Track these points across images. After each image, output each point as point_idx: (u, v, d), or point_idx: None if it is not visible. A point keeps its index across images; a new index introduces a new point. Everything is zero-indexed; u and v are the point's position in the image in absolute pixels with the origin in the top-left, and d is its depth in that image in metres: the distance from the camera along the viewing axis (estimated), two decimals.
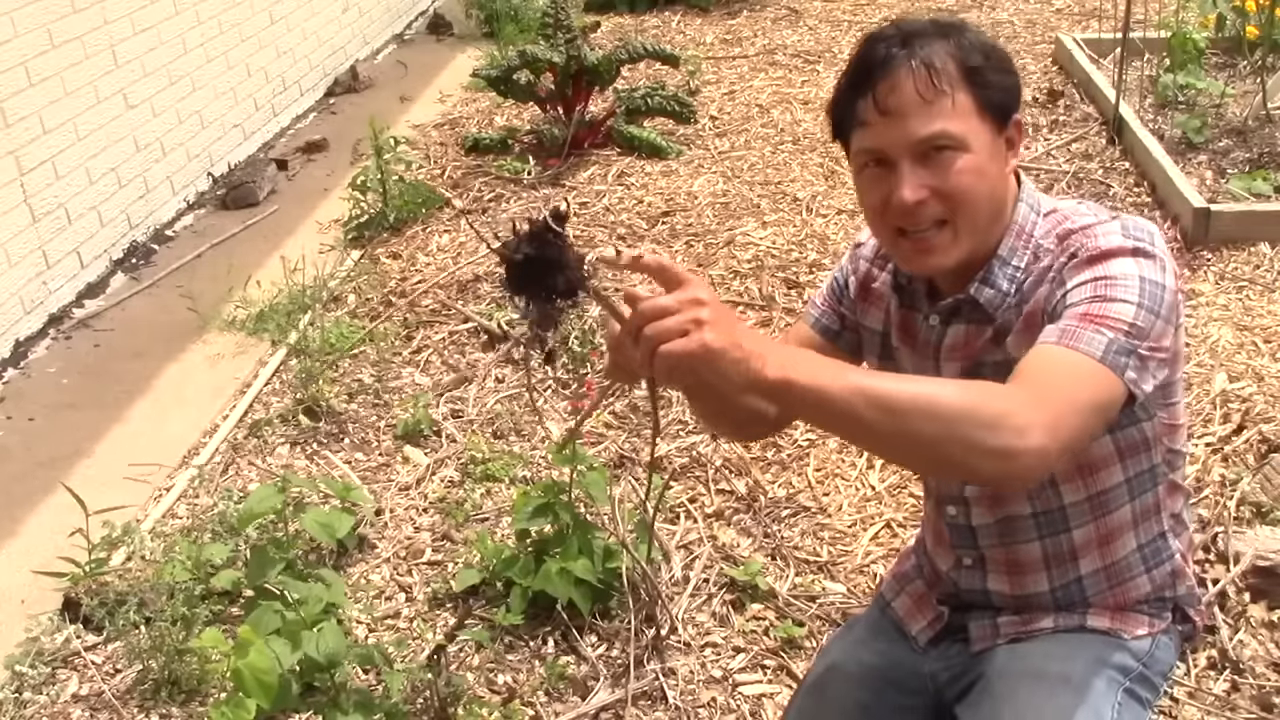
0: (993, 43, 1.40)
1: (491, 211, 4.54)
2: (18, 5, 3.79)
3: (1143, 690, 1.50)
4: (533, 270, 1.21)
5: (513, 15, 6.89)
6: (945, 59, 1.34)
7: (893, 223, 1.40)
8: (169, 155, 4.72)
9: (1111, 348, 1.26)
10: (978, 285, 1.43)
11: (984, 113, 1.36)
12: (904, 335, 1.56)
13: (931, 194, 1.35)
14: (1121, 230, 1.36)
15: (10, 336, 3.75)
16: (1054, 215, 1.44)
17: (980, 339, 1.46)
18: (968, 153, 1.35)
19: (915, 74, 1.33)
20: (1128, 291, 1.30)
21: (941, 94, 1.33)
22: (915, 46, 1.35)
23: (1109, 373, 1.26)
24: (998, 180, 1.39)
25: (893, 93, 1.34)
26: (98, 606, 2.57)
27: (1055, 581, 1.54)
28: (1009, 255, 1.42)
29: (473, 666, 2.41)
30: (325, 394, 3.31)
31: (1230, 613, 2.36)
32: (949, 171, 1.35)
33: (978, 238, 1.40)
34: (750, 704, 2.30)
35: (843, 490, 2.89)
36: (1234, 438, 2.83)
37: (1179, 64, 4.72)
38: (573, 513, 2.49)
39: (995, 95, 1.37)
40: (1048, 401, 1.21)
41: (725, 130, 5.18)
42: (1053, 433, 1.18)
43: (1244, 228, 3.80)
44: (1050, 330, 1.30)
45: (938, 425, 1.15)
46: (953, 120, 1.34)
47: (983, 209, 1.38)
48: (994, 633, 1.57)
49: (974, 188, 1.36)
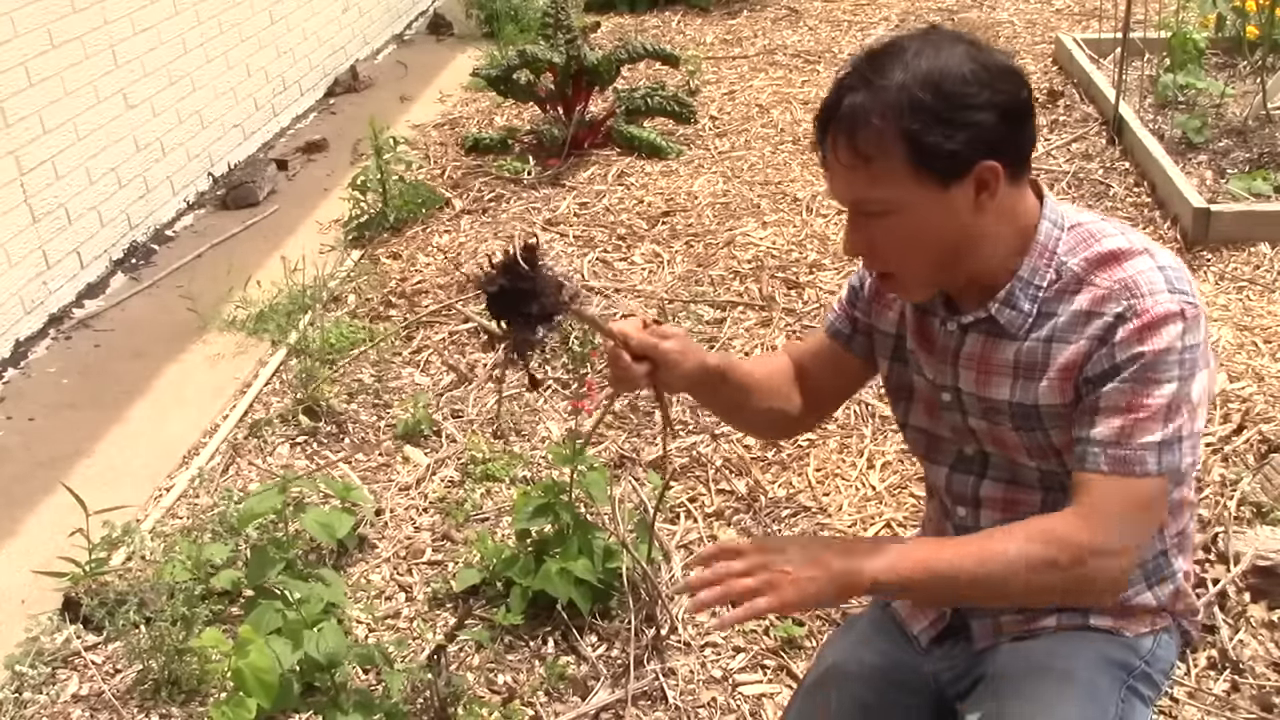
0: (964, 88, 1.29)
1: (491, 211, 4.54)
2: (18, 5, 3.80)
3: (1145, 688, 1.51)
4: (509, 299, 1.31)
5: (513, 15, 6.89)
6: (881, 123, 1.29)
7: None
8: (169, 155, 4.72)
9: (1164, 459, 1.32)
10: (999, 306, 1.42)
11: (920, 173, 1.30)
12: (920, 340, 1.55)
13: (869, 250, 1.40)
14: (1167, 285, 1.33)
15: (10, 336, 3.75)
16: (1078, 230, 1.41)
17: (999, 355, 1.44)
18: (899, 215, 1.33)
19: (840, 138, 1.33)
20: (1168, 369, 1.31)
21: (861, 160, 1.31)
22: (845, 103, 1.31)
23: (1167, 479, 1.34)
24: (945, 231, 1.35)
25: (831, 148, 1.35)
26: (98, 606, 2.57)
27: None
28: (1031, 276, 1.40)
29: (473, 666, 2.41)
30: (325, 394, 3.31)
31: (1230, 613, 2.36)
32: (881, 232, 1.36)
33: (939, 279, 1.41)
34: (750, 704, 2.30)
35: (843, 490, 2.89)
36: (1234, 438, 2.83)
37: (1179, 64, 4.72)
38: (573, 513, 2.49)
39: (936, 158, 1.29)
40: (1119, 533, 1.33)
41: (725, 130, 5.18)
42: (1128, 555, 1.35)
43: (1244, 228, 3.80)
44: (1100, 449, 1.33)
45: (1024, 584, 1.33)
46: (874, 188, 1.32)
47: (924, 261, 1.37)
48: (996, 631, 1.57)
49: (908, 249, 1.36)
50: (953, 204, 1.33)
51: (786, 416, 1.62)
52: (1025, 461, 1.47)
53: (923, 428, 1.59)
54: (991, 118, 1.31)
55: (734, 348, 3.48)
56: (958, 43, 1.33)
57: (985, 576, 1.31)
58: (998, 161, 1.32)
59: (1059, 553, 1.31)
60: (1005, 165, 1.33)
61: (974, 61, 1.31)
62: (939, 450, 1.58)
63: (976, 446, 1.53)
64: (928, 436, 1.59)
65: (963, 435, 1.53)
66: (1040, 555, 1.31)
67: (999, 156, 1.33)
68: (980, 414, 1.48)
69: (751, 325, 3.60)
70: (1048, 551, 1.31)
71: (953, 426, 1.54)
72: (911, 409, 1.60)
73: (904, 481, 2.88)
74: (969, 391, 1.48)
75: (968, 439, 1.53)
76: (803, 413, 1.64)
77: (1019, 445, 1.46)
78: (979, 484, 1.54)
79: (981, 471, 1.53)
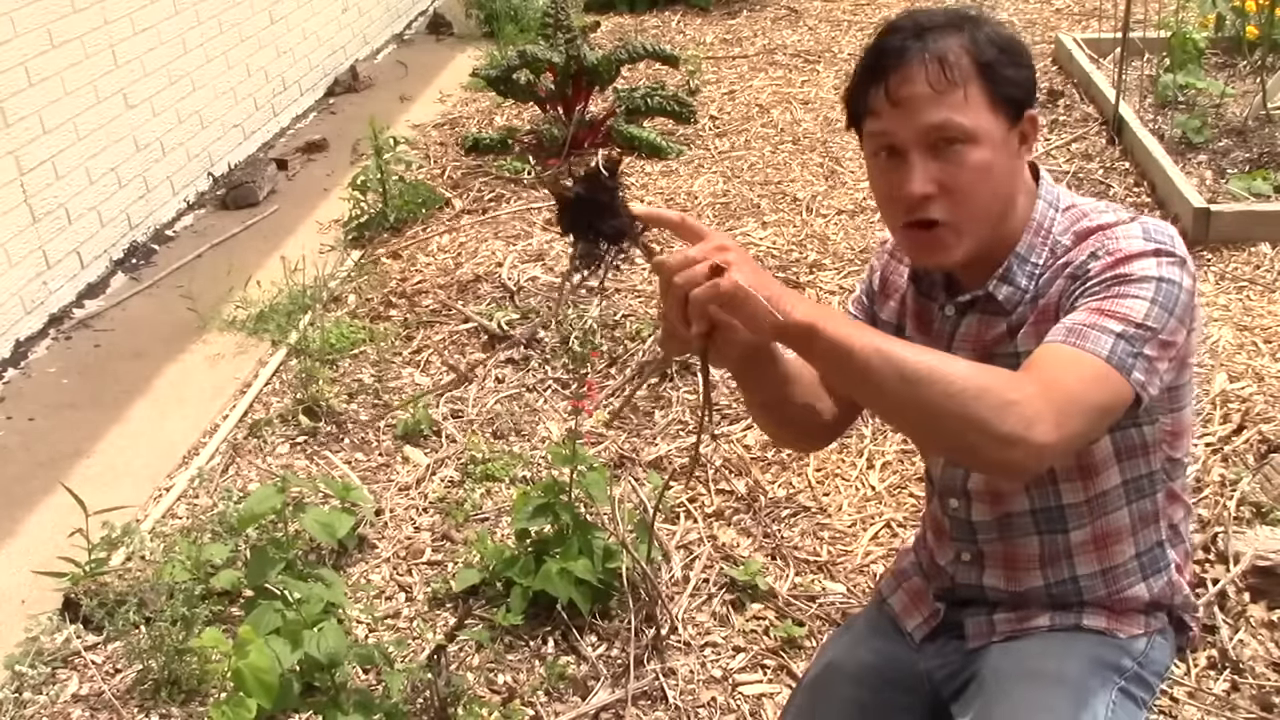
0: (1010, 35, 1.39)
1: (491, 211, 4.54)
2: (18, 5, 3.79)
3: (1138, 690, 1.50)
4: (582, 211, 1.25)
5: (513, 15, 6.89)
6: (959, 52, 1.34)
7: (900, 212, 1.40)
8: (169, 155, 4.72)
9: (1118, 348, 1.27)
10: (996, 283, 1.44)
11: (996, 107, 1.35)
12: (918, 324, 1.56)
13: (939, 188, 1.35)
14: (1143, 233, 1.36)
15: (10, 336, 3.75)
16: (1072, 211, 1.44)
17: (993, 331, 1.46)
18: (977, 146, 1.34)
19: (927, 66, 1.34)
20: (1143, 288, 1.30)
21: (952, 86, 1.33)
22: (929, 39, 1.35)
23: (1116, 374, 1.27)
24: (1006, 176, 1.39)
25: (905, 84, 1.34)
26: (98, 606, 2.57)
27: (1050, 578, 1.54)
28: (1028, 253, 1.43)
29: (473, 666, 2.41)
30: (325, 394, 3.31)
31: (1230, 613, 2.36)
32: (957, 166, 1.35)
33: (983, 233, 1.40)
34: (750, 704, 2.30)
35: (843, 490, 2.89)
36: (1234, 438, 2.83)
37: (1179, 64, 4.72)
38: (573, 513, 2.49)
39: (1008, 90, 1.36)
40: (1055, 398, 1.22)
41: (725, 130, 5.19)
42: (1058, 429, 1.20)
43: (1244, 228, 3.80)
44: (1059, 327, 1.31)
45: (949, 400, 1.18)
46: (963, 113, 1.34)
47: (989, 206, 1.38)
48: (990, 630, 1.57)
49: (981, 183, 1.36)
50: (1010, 149, 1.38)
51: (821, 417, 1.56)
52: None
53: None
54: (1032, 69, 1.41)
55: None
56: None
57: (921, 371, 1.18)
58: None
59: (1005, 386, 1.20)
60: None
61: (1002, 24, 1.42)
62: None
63: None
64: None
65: None
66: (985, 380, 1.20)
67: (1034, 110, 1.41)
68: None
69: None
70: (997, 379, 1.22)
71: None
72: None
73: (904, 481, 2.88)
74: None
75: None
76: (835, 415, 1.59)
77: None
78: (966, 476, 1.55)
79: None
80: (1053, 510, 1.51)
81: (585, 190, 1.25)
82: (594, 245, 1.27)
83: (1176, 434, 1.49)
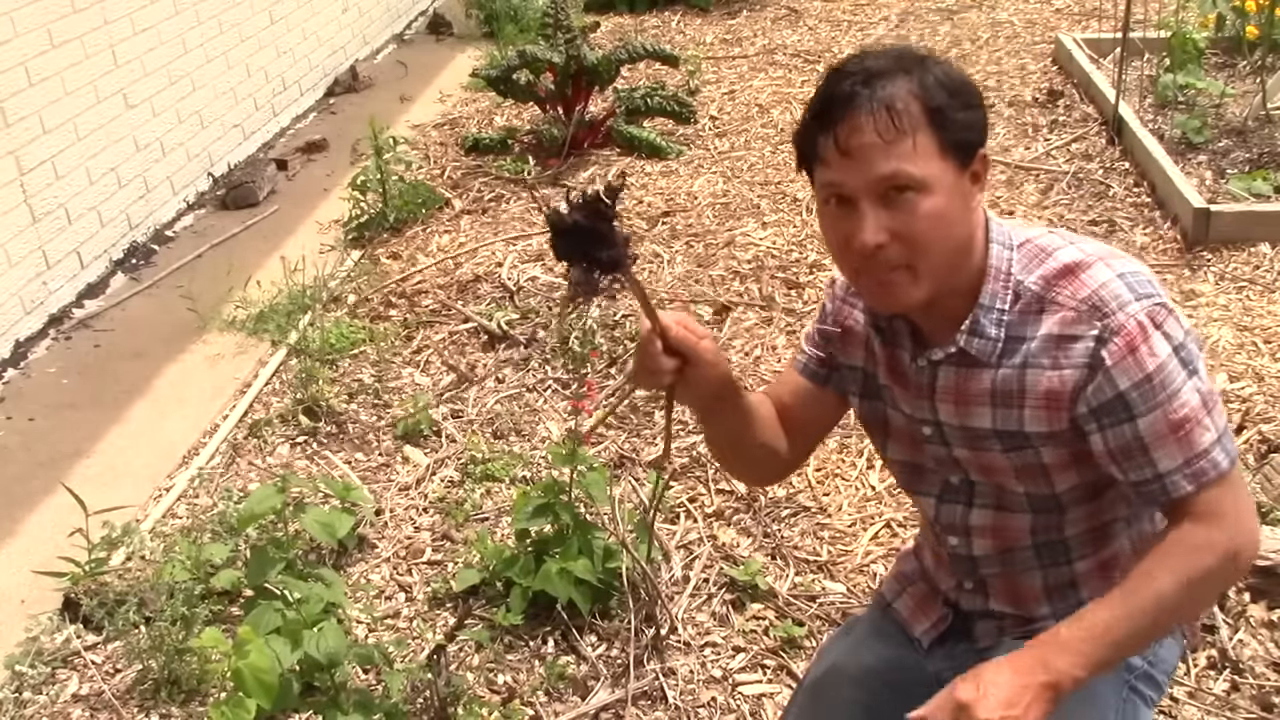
0: (960, 76, 1.36)
1: (491, 211, 4.55)
2: (18, 5, 3.79)
3: (1147, 688, 1.50)
4: (578, 240, 1.24)
5: (513, 15, 6.90)
6: (907, 99, 1.31)
7: (855, 261, 1.38)
8: (169, 155, 4.72)
9: (1224, 447, 1.34)
10: (966, 336, 1.40)
11: (946, 153, 1.32)
12: (892, 375, 1.53)
13: (892, 237, 1.33)
14: (1129, 291, 1.33)
15: (10, 336, 3.75)
16: (1028, 247, 1.41)
17: (975, 385, 1.42)
18: (929, 194, 1.32)
19: (875, 115, 1.31)
20: (1176, 377, 1.32)
21: (901, 135, 1.30)
22: (877, 86, 1.32)
23: (1236, 465, 1.36)
24: (961, 219, 1.36)
25: (853, 133, 1.32)
26: (97, 606, 2.57)
27: (1057, 605, 1.52)
28: (991, 301, 1.39)
29: (473, 666, 2.41)
30: (325, 394, 3.31)
31: (1230, 613, 2.36)
32: (909, 214, 1.32)
33: (942, 275, 1.37)
34: (750, 704, 2.30)
35: (843, 490, 2.89)
36: (1234, 438, 2.83)
37: (1179, 64, 4.72)
38: (573, 513, 2.49)
39: (958, 134, 1.33)
40: (1238, 525, 1.35)
41: (725, 130, 5.19)
42: (1252, 535, 1.37)
43: (1244, 228, 3.80)
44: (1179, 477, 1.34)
45: (1187, 608, 1.39)
46: (913, 161, 1.31)
47: (945, 250, 1.35)
48: (999, 631, 1.57)
49: (934, 230, 1.33)
50: (964, 190, 1.36)
51: (778, 454, 1.59)
52: (1013, 486, 1.46)
53: (904, 460, 1.58)
54: (982, 117, 1.38)
55: (734, 348, 3.48)
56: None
57: (1157, 615, 1.33)
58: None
59: (1209, 558, 1.32)
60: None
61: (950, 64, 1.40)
62: (923, 480, 1.57)
63: (962, 475, 1.51)
64: (910, 468, 1.58)
65: (947, 465, 1.52)
66: (1196, 570, 1.32)
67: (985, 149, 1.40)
68: (964, 443, 1.47)
69: (751, 325, 3.60)
70: (1200, 562, 1.32)
71: (936, 458, 1.52)
72: (889, 443, 1.59)
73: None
74: (950, 423, 1.47)
75: (952, 468, 1.52)
76: (791, 451, 1.61)
77: (1007, 469, 1.45)
78: (968, 513, 1.52)
79: (969, 500, 1.52)
80: (1055, 544, 1.49)
81: (584, 218, 1.23)
82: (590, 274, 1.26)
83: None
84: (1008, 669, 1.29)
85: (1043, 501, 1.46)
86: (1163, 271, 3.69)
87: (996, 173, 4.50)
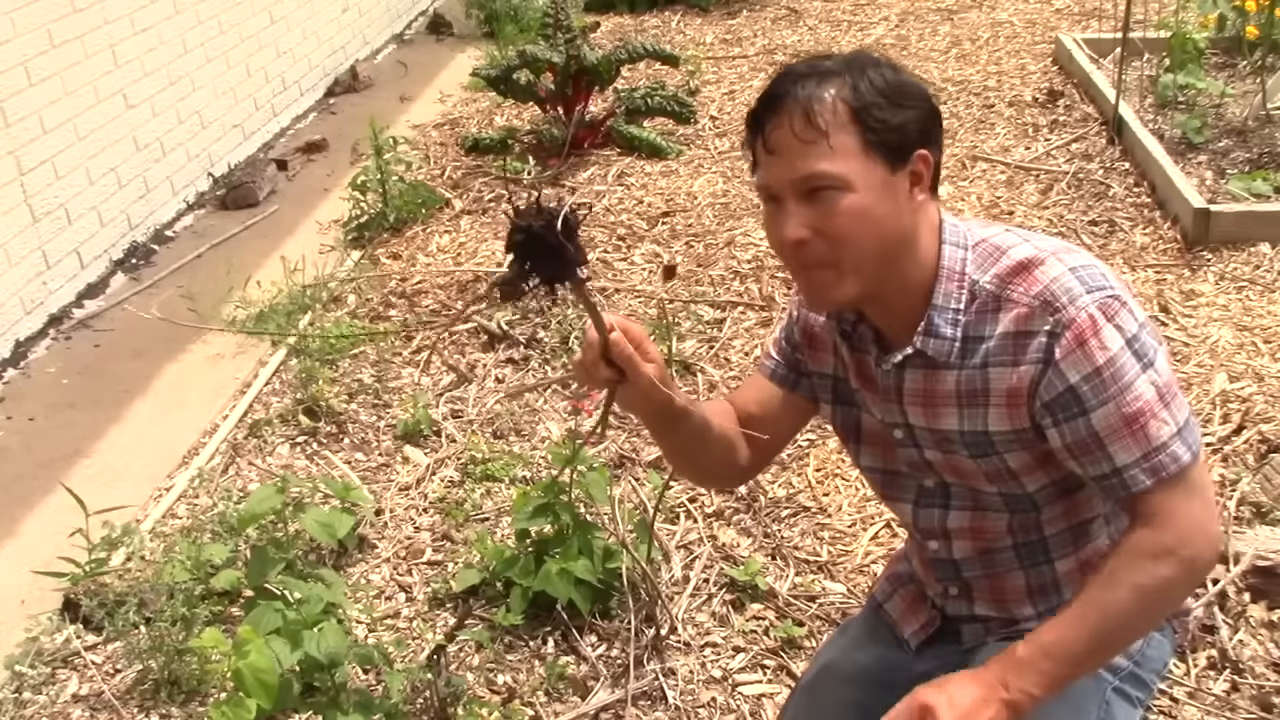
0: (898, 78, 1.37)
1: (491, 211, 4.54)
2: (18, 5, 3.79)
3: (1133, 689, 1.50)
4: (531, 244, 1.28)
5: (513, 15, 6.89)
6: (833, 100, 1.33)
7: (786, 260, 1.41)
8: (169, 155, 4.72)
9: (1185, 439, 1.33)
10: (922, 337, 1.41)
11: (871, 152, 1.33)
12: (862, 380, 1.53)
13: (814, 234, 1.35)
14: (1081, 285, 1.33)
15: (10, 336, 3.75)
16: (982, 246, 1.41)
17: (940, 386, 1.43)
18: (850, 193, 1.33)
19: (793, 116, 1.33)
20: (1130, 369, 1.32)
21: (819, 135, 1.32)
22: (801, 87, 1.34)
23: (1199, 461, 1.35)
24: (890, 218, 1.36)
25: (775, 132, 1.35)
26: (97, 607, 2.57)
27: (1040, 606, 1.53)
28: (945, 301, 1.40)
29: (473, 666, 2.41)
30: (325, 394, 3.31)
31: (1230, 613, 2.37)
32: (828, 212, 1.34)
33: (873, 272, 1.38)
34: (750, 704, 2.30)
35: (843, 490, 2.89)
36: (1234, 438, 2.83)
37: (1179, 64, 4.72)
38: (573, 513, 2.49)
39: (886, 135, 1.33)
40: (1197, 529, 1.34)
41: (725, 130, 5.18)
42: (1211, 539, 1.35)
43: (1244, 228, 3.80)
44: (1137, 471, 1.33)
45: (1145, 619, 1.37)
46: (830, 160, 1.32)
47: (869, 247, 1.36)
48: (985, 633, 1.57)
49: (854, 227, 1.34)
50: (895, 191, 1.36)
51: (734, 464, 1.59)
52: (985, 487, 1.47)
53: (878, 466, 1.58)
54: (923, 109, 1.38)
55: (734, 348, 3.48)
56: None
57: (1115, 629, 1.34)
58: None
59: (1164, 567, 1.32)
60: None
61: (897, 67, 1.40)
62: (898, 486, 1.57)
63: (936, 478, 1.52)
64: (884, 474, 1.58)
65: (920, 469, 1.52)
66: (1151, 580, 1.32)
67: (929, 150, 1.38)
68: (934, 445, 1.48)
69: (751, 325, 3.60)
70: (1157, 571, 1.32)
71: (909, 461, 1.53)
72: (862, 450, 1.59)
73: None
74: (919, 425, 1.47)
75: (926, 472, 1.52)
76: (751, 459, 1.61)
77: (977, 472, 1.45)
78: (945, 515, 1.53)
79: (945, 503, 1.52)
80: (1035, 543, 1.50)
81: (541, 229, 1.27)
82: (522, 276, 1.29)
83: None
84: (971, 682, 1.34)
85: (1018, 501, 1.47)
86: (1163, 271, 3.69)
87: (996, 172, 4.50)
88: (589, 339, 1.35)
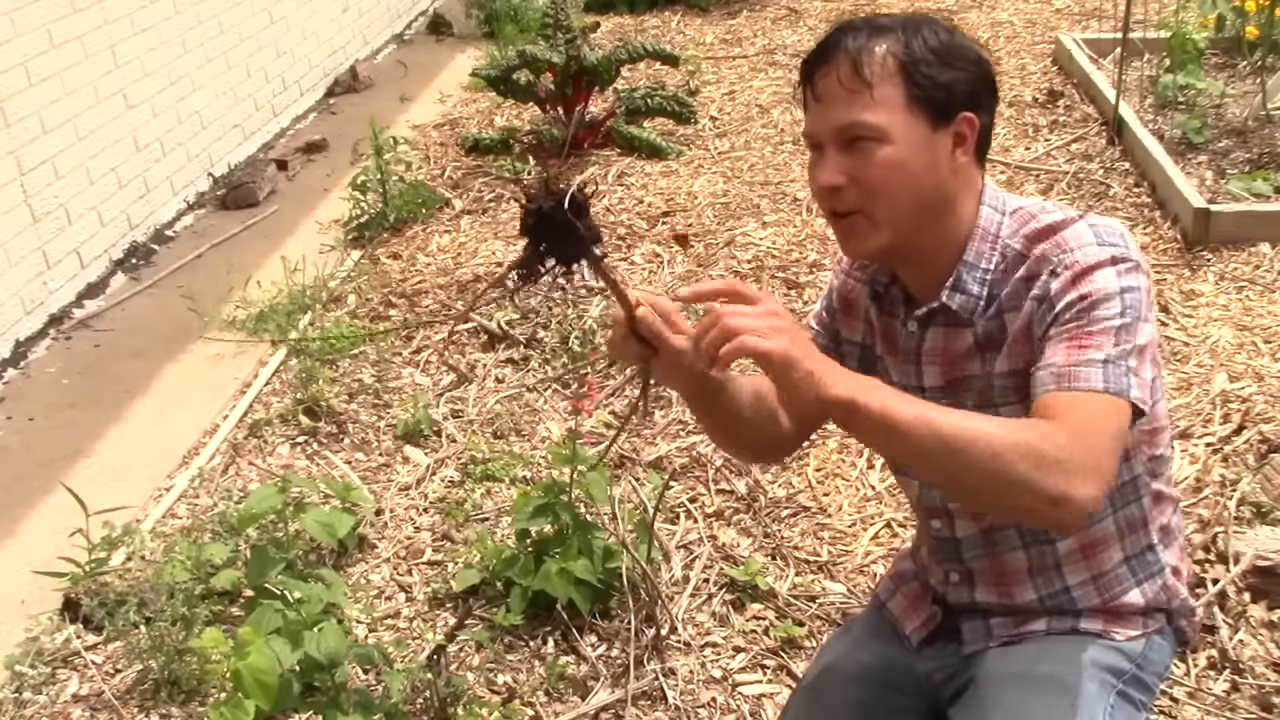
0: (950, 39, 1.39)
1: (491, 211, 4.55)
2: (18, 5, 3.79)
3: (1136, 692, 1.50)
4: (545, 226, 1.32)
5: (513, 15, 6.89)
6: (883, 53, 1.36)
7: (822, 206, 1.44)
8: (169, 155, 4.72)
9: (1109, 373, 1.29)
10: (949, 292, 1.44)
11: (914, 106, 1.36)
12: (887, 345, 1.55)
13: (849, 181, 1.38)
14: (1095, 238, 1.36)
15: (10, 336, 3.75)
16: (1020, 213, 1.44)
17: (960, 344, 1.46)
18: (888, 144, 1.35)
19: (840, 66, 1.36)
20: (1109, 307, 1.32)
21: (863, 85, 1.35)
22: (854, 38, 1.37)
23: (1117, 400, 1.29)
24: (928, 174, 1.38)
25: (824, 80, 1.38)
26: (98, 606, 2.57)
27: (1042, 590, 1.53)
28: (976, 259, 1.43)
29: (473, 666, 2.41)
30: (325, 394, 3.31)
31: (1230, 613, 2.37)
32: (865, 161, 1.36)
33: (906, 224, 1.40)
34: (750, 704, 2.30)
35: (843, 490, 2.89)
36: (1234, 438, 2.83)
37: (1179, 64, 4.72)
38: (573, 513, 2.49)
39: (933, 91, 1.36)
40: (1088, 447, 1.25)
41: (725, 130, 5.19)
42: (1099, 479, 1.24)
43: (1244, 228, 3.80)
44: (1046, 373, 1.31)
45: (995, 462, 1.21)
46: (872, 111, 1.35)
47: (904, 200, 1.38)
48: (986, 634, 1.57)
49: (889, 178, 1.36)
50: (935, 149, 1.38)
51: (777, 435, 1.58)
52: None
53: None
54: (974, 73, 1.40)
55: None
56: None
57: (970, 448, 1.21)
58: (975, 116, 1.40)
59: (1049, 447, 1.22)
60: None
61: (953, 30, 1.42)
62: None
63: None
64: None
65: None
66: (1032, 444, 1.22)
67: (976, 113, 1.40)
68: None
69: None
70: (1042, 444, 1.23)
71: None
72: None
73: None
74: (933, 386, 1.49)
75: None
76: (792, 432, 1.61)
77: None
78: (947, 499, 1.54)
79: None
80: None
81: (550, 209, 1.30)
82: (539, 259, 1.32)
83: (1154, 431, 1.49)
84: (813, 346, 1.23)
85: None
86: (1163, 271, 3.69)
87: (997, 173, 4.50)
88: (616, 316, 1.35)
